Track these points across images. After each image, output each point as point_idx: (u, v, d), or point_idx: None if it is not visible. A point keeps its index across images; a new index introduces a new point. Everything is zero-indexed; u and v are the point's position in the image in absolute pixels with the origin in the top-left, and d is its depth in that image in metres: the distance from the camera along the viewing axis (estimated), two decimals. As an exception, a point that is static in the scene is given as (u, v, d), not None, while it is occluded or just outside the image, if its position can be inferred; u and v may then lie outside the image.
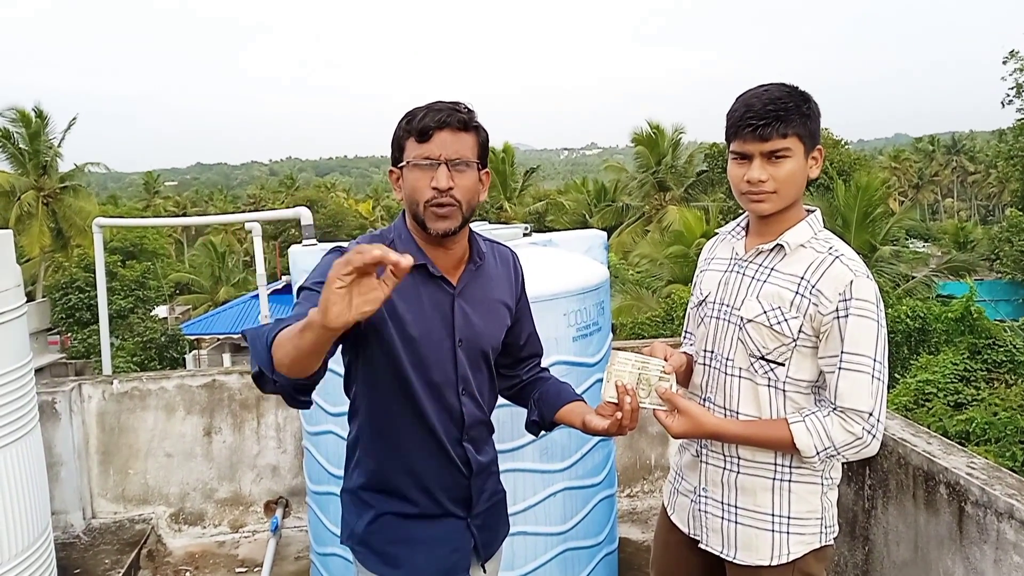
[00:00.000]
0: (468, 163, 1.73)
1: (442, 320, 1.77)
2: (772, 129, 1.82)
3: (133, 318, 26.60)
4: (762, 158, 1.85)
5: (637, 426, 1.85)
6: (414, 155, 1.71)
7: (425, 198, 1.71)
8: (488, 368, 1.90)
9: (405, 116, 1.76)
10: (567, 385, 2.02)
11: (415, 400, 1.76)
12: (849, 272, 1.84)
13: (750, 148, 1.86)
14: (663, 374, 1.86)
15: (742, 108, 1.86)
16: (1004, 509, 2.25)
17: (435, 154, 1.69)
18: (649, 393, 1.85)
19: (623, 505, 4.51)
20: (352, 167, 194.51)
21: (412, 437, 1.80)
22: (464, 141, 1.72)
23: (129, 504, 4.41)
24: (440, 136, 1.70)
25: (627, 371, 1.84)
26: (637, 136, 34.11)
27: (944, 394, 12.74)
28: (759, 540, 1.95)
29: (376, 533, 1.85)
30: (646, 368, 1.85)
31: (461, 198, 1.72)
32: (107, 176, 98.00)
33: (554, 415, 1.94)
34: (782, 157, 1.84)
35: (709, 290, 2.07)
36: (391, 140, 1.79)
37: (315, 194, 61.49)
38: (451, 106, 1.72)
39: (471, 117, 1.74)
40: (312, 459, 3.24)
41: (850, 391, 1.82)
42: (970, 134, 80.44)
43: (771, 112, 1.81)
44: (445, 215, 1.71)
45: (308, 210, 4.79)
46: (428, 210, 1.71)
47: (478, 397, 1.87)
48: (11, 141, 29.94)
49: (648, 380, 1.85)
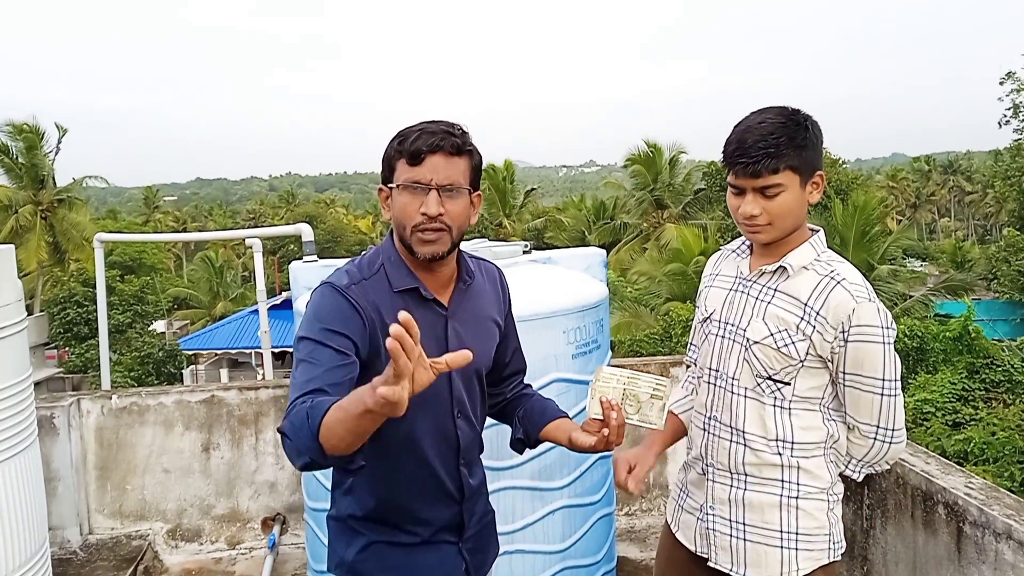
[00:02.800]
0: (459, 189, 1.68)
1: (436, 343, 1.72)
2: (762, 166, 1.82)
3: (131, 333, 26.59)
4: (755, 192, 1.87)
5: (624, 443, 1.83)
6: (404, 177, 1.67)
7: (414, 223, 1.67)
8: (480, 386, 1.89)
9: (397, 136, 1.71)
10: (551, 401, 1.99)
11: (410, 429, 1.73)
12: (851, 299, 1.86)
13: (743, 183, 1.88)
14: (655, 391, 1.83)
15: (735, 143, 1.87)
16: (1002, 529, 2.25)
17: (426, 178, 1.65)
18: (638, 409, 1.82)
19: (621, 523, 4.49)
20: (352, 183, 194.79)
21: (407, 466, 1.77)
22: (456, 166, 1.68)
23: (126, 520, 4.39)
24: (432, 160, 1.65)
25: (612, 386, 1.82)
26: (633, 156, 34.19)
27: (942, 413, 12.73)
28: (768, 557, 1.96)
29: (366, 561, 1.82)
30: (635, 383, 1.83)
31: (451, 223, 1.68)
32: (107, 190, 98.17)
33: (539, 432, 1.91)
34: (775, 191, 1.85)
35: (714, 307, 2.08)
36: (382, 158, 1.74)
37: (314, 210, 61.57)
38: (445, 129, 1.68)
39: (464, 141, 1.70)
40: (311, 476, 3.24)
41: (856, 406, 1.94)
42: (967, 154, 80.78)
43: (761, 149, 1.82)
44: (433, 240, 1.67)
45: (309, 226, 4.81)
46: (416, 235, 1.68)
47: (472, 418, 1.85)
48: (8, 155, 29.89)
49: (636, 396, 1.82)
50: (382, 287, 1.72)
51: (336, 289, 1.69)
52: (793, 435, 1.94)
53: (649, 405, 1.83)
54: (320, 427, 1.40)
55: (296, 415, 1.47)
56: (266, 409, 4.46)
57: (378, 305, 1.69)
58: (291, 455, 1.49)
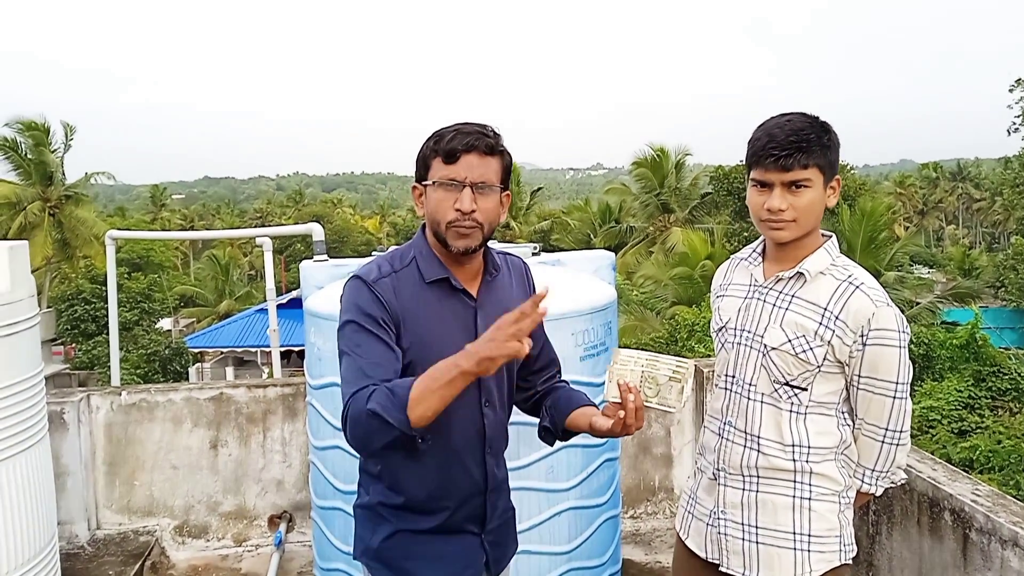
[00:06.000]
0: (492, 187, 1.77)
1: (465, 333, 1.79)
2: (794, 160, 1.86)
3: (138, 330, 26.68)
4: (783, 187, 1.89)
5: (643, 427, 1.83)
6: (440, 175, 1.76)
7: (448, 219, 1.75)
8: (509, 377, 1.93)
9: (433, 135, 1.80)
10: (580, 392, 2.01)
11: (438, 416, 1.75)
12: (870, 303, 1.89)
13: (771, 177, 1.90)
14: (675, 372, 1.79)
15: (765, 137, 1.90)
16: (1008, 536, 2.26)
17: (460, 176, 1.74)
18: (656, 392, 1.79)
19: (627, 526, 4.50)
20: (359, 183, 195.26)
21: (435, 453, 1.81)
22: (489, 165, 1.77)
23: (134, 516, 4.41)
24: (467, 159, 1.74)
25: (629, 368, 1.81)
26: (639, 160, 34.13)
27: (948, 421, 12.70)
28: (781, 559, 1.97)
29: (392, 549, 1.87)
30: (654, 366, 1.80)
31: (483, 220, 1.76)
32: (115, 188, 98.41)
33: (565, 421, 1.94)
34: (802, 187, 1.88)
35: (729, 316, 2.09)
36: (416, 156, 1.83)
37: (322, 209, 61.69)
38: (479, 129, 1.77)
39: (497, 142, 1.79)
40: (318, 474, 3.26)
41: (867, 409, 1.96)
42: (976, 161, 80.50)
43: (793, 143, 1.86)
44: (467, 234, 1.76)
45: (319, 226, 4.82)
46: (451, 230, 1.76)
47: (498, 407, 1.90)
48: (17, 151, 30.01)
49: (655, 378, 1.80)
50: (413, 278, 1.81)
51: (364, 282, 1.78)
52: (809, 440, 1.96)
53: (668, 388, 1.79)
54: (409, 400, 1.58)
55: (378, 395, 1.61)
56: (274, 407, 4.48)
57: (407, 296, 1.79)
58: (371, 436, 1.63)
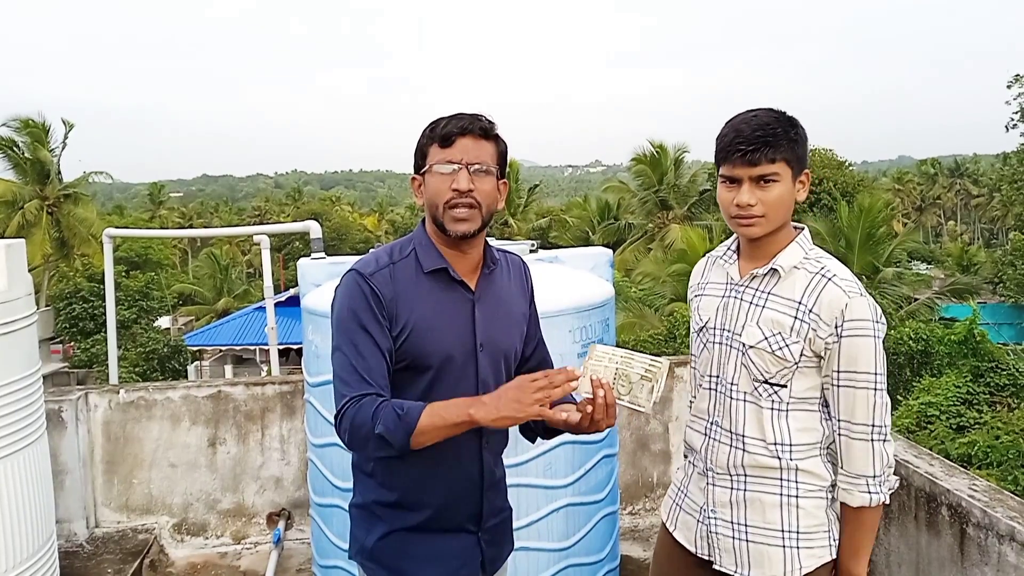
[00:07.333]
0: (488, 169, 1.79)
1: (463, 325, 1.81)
2: (761, 154, 1.86)
3: (136, 328, 26.62)
4: (751, 182, 1.89)
5: (616, 427, 1.82)
6: (436, 159, 1.79)
7: (445, 199, 1.77)
8: (507, 372, 1.93)
9: (429, 125, 1.83)
10: None
11: None
12: (843, 294, 1.89)
13: (739, 172, 1.90)
14: (646, 372, 1.77)
15: (731, 133, 1.91)
16: (1005, 531, 2.26)
17: (457, 158, 1.77)
18: (629, 390, 1.78)
19: (625, 522, 4.51)
20: (357, 181, 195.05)
21: (430, 448, 1.79)
22: (485, 148, 1.80)
23: (132, 514, 4.42)
24: (462, 142, 1.77)
25: (603, 365, 1.80)
26: (638, 156, 34.13)
27: (946, 417, 12.70)
28: (771, 557, 1.98)
29: (387, 548, 1.86)
30: (628, 364, 1.79)
31: (481, 201, 1.78)
32: (112, 186, 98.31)
33: None
34: (771, 182, 1.88)
35: (708, 315, 2.10)
36: (414, 149, 1.85)
37: (320, 207, 61.69)
38: (473, 115, 1.81)
39: (492, 127, 1.82)
40: (316, 471, 3.26)
41: (852, 408, 1.91)
42: (974, 157, 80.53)
43: (759, 138, 1.86)
44: (465, 217, 1.77)
45: (317, 224, 4.82)
46: (448, 212, 1.77)
47: None
48: (14, 150, 29.96)
49: (628, 376, 1.78)
50: (411, 268, 1.83)
51: (361, 276, 1.80)
52: (791, 437, 1.96)
53: (640, 386, 1.78)
54: (415, 430, 1.64)
55: (386, 418, 1.66)
56: (272, 405, 4.48)
57: (404, 285, 1.80)
58: (367, 448, 1.71)
